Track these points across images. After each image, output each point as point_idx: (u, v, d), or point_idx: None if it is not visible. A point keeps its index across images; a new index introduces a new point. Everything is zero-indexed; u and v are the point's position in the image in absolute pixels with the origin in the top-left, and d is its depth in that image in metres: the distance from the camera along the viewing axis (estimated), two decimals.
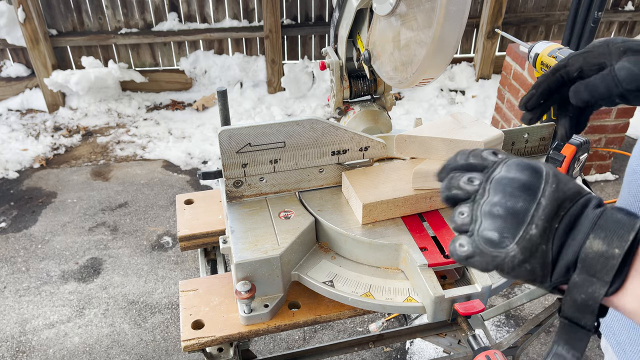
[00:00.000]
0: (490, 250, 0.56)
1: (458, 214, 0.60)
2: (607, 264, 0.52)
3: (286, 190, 1.20)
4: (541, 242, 0.55)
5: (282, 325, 1.06)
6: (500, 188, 0.57)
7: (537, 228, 0.55)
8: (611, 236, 0.53)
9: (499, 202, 0.57)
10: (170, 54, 4.42)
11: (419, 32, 1.03)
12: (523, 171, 0.58)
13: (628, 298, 0.52)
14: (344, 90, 1.42)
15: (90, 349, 2.39)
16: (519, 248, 0.55)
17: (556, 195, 0.55)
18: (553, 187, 0.56)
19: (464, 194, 0.60)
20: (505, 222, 0.56)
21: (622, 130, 3.37)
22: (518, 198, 0.56)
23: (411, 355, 2.37)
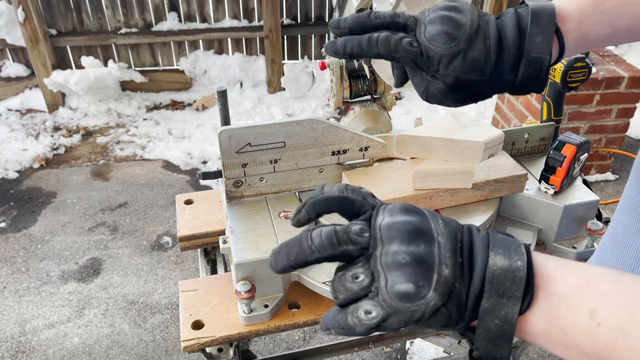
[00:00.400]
0: (408, 305, 0.49)
1: (351, 278, 0.52)
2: (515, 277, 0.49)
3: (286, 190, 1.20)
4: (455, 281, 0.50)
5: (282, 325, 1.06)
6: (393, 234, 0.52)
7: (447, 267, 0.50)
8: (509, 251, 0.51)
9: (400, 249, 0.51)
10: (170, 53, 4.42)
11: None
12: (408, 214, 0.53)
13: (537, 319, 0.49)
14: (344, 90, 1.41)
15: (90, 349, 2.39)
16: (437, 294, 0.49)
17: (448, 229, 0.52)
18: (442, 223, 0.53)
19: (356, 250, 0.52)
20: (415, 269, 0.50)
21: (623, 130, 3.37)
22: (418, 241, 0.51)
23: (411, 355, 2.37)
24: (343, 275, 0.53)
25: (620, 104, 3.21)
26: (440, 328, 0.51)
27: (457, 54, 0.66)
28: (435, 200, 1.13)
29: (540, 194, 1.18)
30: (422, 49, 0.67)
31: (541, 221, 1.21)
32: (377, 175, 1.16)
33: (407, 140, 1.12)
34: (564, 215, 1.16)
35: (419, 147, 1.12)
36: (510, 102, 3.49)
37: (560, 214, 1.15)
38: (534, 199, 1.18)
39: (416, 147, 1.12)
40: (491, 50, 0.67)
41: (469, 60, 0.66)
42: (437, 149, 1.11)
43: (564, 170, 1.15)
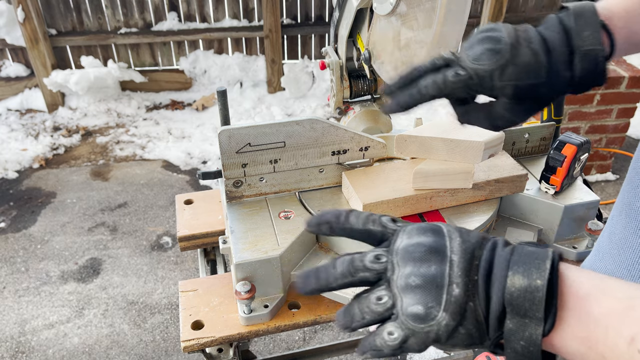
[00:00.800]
0: (422, 326, 0.51)
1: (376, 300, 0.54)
2: (534, 298, 0.48)
3: (286, 190, 1.20)
4: (467, 300, 0.51)
5: (282, 325, 1.06)
6: (408, 257, 0.54)
7: (458, 286, 0.51)
8: (529, 268, 0.49)
9: (412, 272, 0.53)
10: (170, 53, 4.42)
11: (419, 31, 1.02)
12: (424, 234, 0.55)
13: (572, 342, 0.48)
14: (344, 90, 1.41)
15: (90, 350, 2.39)
16: (448, 314, 0.50)
17: (464, 247, 0.53)
18: (458, 240, 0.53)
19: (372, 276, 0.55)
20: (425, 291, 0.51)
21: (623, 130, 3.37)
22: (429, 262, 0.53)
23: (411, 355, 2.37)
24: (367, 297, 0.55)
25: (620, 103, 3.21)
26: (466, 347, 0.52)
27: (507, 64, 0.66)
28: (436, 200, 1.13)
29: (540, 194, 1.18)
30: (471, 73, 0.68)
31: (541, 221, 1.21)
32: (377, 175, 1.16)
33: (407, 140, 1.12)
34: (565, 216, 1.16)
35: (419, 147, 1.12)
36: None
37: (561, 214, 1.15)
38: (534, 199, 1.18)
39: (416, 147, 1.12)
40: (539, 52, 0.68)
41: (520, 66, 0.66)
42: (437, 149, 1.10)
43: (564, 170, 1.15)
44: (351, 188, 1.12)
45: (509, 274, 0.49)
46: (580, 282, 0.49)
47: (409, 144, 1.13)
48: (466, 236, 0.54)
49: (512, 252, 0.52)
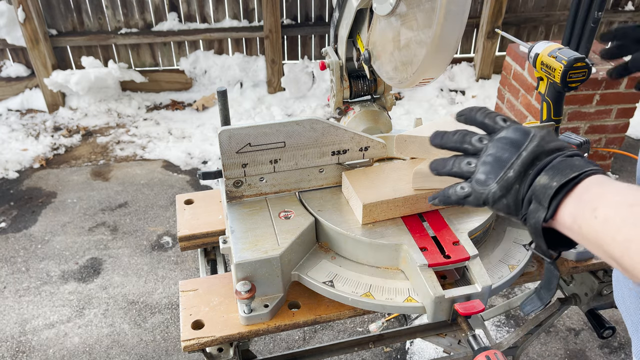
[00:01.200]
0: (479, 188, 0.73)
1: (466, 163, 0.76)
2: (545, 193, 0.67)
3: (286, 190, 1.20)
4: (515, 183, 0.70)
5: (282, 325, 1.06)
6: (496, 144, 0.74)
7: (514, 172, 0.70)
8: (556, 174, 0.67)
9: (492, 153, 0.73)
10: (170, 54, 4.42)
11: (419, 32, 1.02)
12: (516, 132, 0.73)
13: (565, 217, 0.66)
14: (344, 90, 1.41)
15: (90, 349, 2.39)
16: (498, 186, 0.71)
17: (535, 149, 0.70)
18: (534, 143, 0.71)
19: (473, 149, 0.77)
20: (492, 167, 0.72)
21: (622, 130, 3.37)
22: (506, 151, 0.72)
23: (411, 355, 2.37)
24: (463, 158, 0.77)
25: (620, 104, 3.21)
26: (506, 214, 0.73)
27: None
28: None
29: None
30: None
31: None
32: (377, 175, 1.16)
33: (407, 141, 1.12)
34: None
35: (419, 147, 1.12)
36: (510, 102, 3.50)
37: None
38: None
39: (416, 147, 1.12)
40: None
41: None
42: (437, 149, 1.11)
43: None
44: (351, 188, 1.13)
45: (541, 173, 0.68)
46: (591, 182, 0.65)
47: (409, 144, 1.13)
48: (543, 142, 0.71)
49: (562, 160, 0.68)
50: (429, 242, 1.05)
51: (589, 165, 0.67)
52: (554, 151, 0.70)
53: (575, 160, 0.68)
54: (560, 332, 2.48)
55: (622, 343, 2.43)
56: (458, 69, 4.65)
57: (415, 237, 1.06)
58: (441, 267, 1.01)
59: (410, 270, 1.04)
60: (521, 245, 1.16)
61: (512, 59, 3.41)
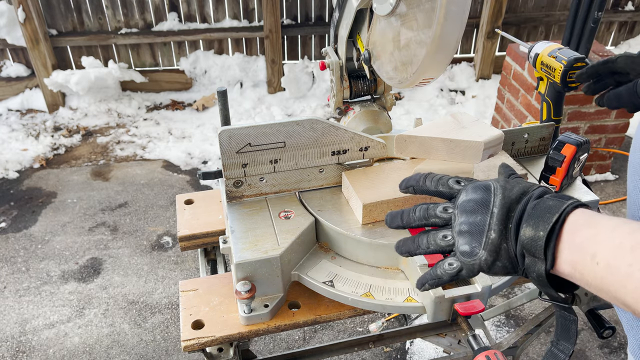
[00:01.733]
0: (468, 260, 0.70)
1: (442, 237, 0.74)
2: (537, 245, 0.65)
3: (286, 190, 1.20)
4: (501, 242, 0.69)
5: (282, 325, 1.07)
6: (463, 209, 0.72)
7: (495, 232, 0.69)
8: (538, 222, 0.65)
9: (464, 221, 0.71)
10: (170, 54, 4.42)
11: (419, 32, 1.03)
12: (477, 191, 0.72)
13: (563, 266, 0.64)
14: (344, 90, 1.41)
15: (90, 349, 2.39)
16: (487, 252, 0.69)
17: (503, 202, 0.69)
18: (499, 196, 0.70)
19: (441, 222, 0.75)
20: (471, 235, 0.70)
21: (622, 130, 3.37)
22: (476, 213, 0.70)
23: (411, 355, 2.37)
24: (436, 234, 0.74)
25: None
26: (505, 274, 0.71)
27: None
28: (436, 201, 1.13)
29: None
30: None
31: None
32: (377, 175, 1.16)
33: (407, 140, 1.12)
34: None
35: (419, 147, 1.12)
36: (510, 102, 3.50)
37: None
38: None
39: (416, 147, 1.12)
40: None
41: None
42: (437, 149, 1.11)
43: (563, 170, 1.15)
44: (351, 188, 1.13)
45: (522, 226, 0.67)
46: (576, 221, 0.64)
47: (409, 144, 1.13)
48: (508, 192, 0.71)
49: (534, 206, 0.67)
50: None
51: (563, 201, 0.66)
52: (521, 196, 0.69)
53: (548, 201, 0.67)
54: None
55: (622, 343, 2.43)
56: (458, 69, 4.65)
57: None
58: None
59: (410, 270, 1.04)
60: None
61: (512, 59, 3.41)
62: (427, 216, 0.76)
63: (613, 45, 4.92)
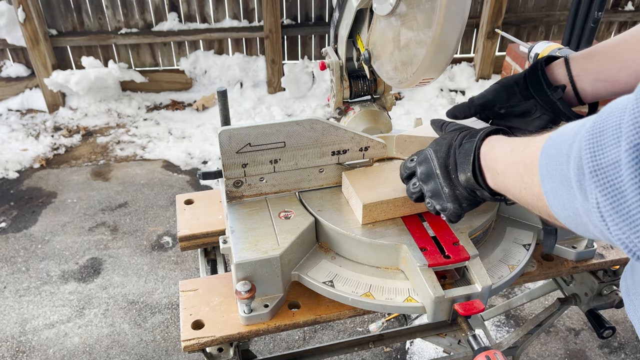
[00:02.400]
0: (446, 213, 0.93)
1: (412, 185, 0.98)
2: (472, 183, 0.85)
3: (286, 190, 1.20)
4: (454, 191, 0.89)
5: (282, 325, 1.06)
6: (421, 180, 0.95)
7: (446, 187, 0.90)
8: (464, 166, 0.85)
9: (426, 189, 0.95)
10: (170, 54, 4.42)
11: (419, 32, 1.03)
12: (422, 164, 0.94)
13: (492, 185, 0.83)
14: (344, 90, 1.41)
15: (90, 349, 2.39)
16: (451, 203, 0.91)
17: (439, 162, 0.91)
18: (435, 159, 0.91)
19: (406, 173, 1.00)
20: (436, 197, 0.93)
21: None
22: (429, 180, 0.93)
23: (411, 355, 2.37)
24: (410, 182, 0.99)
25: None
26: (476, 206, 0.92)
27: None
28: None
29: None
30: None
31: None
32: (377, 175, 1.16)
33: (407, 141, 1.12)
34: None
35: (420, 147, 1.12)
36: None
37: None
38: None
39: (416, 146, 1.12)
40: None
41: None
42: None
43: None
44: (351, 188, 1.13)
45: (459, 175, 0.87)
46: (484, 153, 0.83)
47: (409, 144, 1.13)
48: (439, 153, 0.90)
49: (459, 154, 0.87)
50: (429, 242, 1.05)
51: (473, 140, 0.85)
52: (449, 150, 0.89)
53: (465, 145, 0.86)
54: (560, 332, 2.48)
55: (622, 343, 2.43)
56: (458, 69, 4.65)
57: (415, 237, 1.06)
58: (441, 267, 1.01)
59: (410, 270, 1.04)
60: (521, 246, 1.16)
61: (512, 59, 3.41)
62: (405, 167, 1.00)
63: None
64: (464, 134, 0.89)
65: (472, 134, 0.88)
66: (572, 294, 1.48)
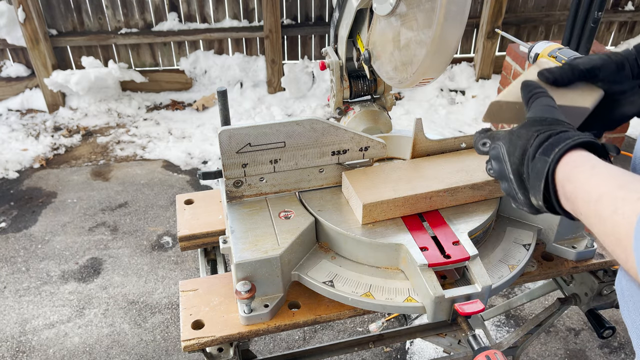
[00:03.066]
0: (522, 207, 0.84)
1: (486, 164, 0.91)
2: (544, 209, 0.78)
3: (286, 190, 1.20)
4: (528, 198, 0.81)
5: (282, 325, 1.07)
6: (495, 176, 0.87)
7: (520, 194, 0.82)
8: (535, 191, 0.77)
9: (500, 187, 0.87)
10: (170, 54, 4.42)
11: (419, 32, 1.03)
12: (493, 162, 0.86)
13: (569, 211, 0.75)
14: (344, 90, 1.42)
15: (90, 349, 2.39)
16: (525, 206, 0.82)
17: (513, 168, 0.81)
18: (508, 163, 0.82)
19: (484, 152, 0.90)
20: (509, 195, 0.85)
21: (622, 130, 3.37)
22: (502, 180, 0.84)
23: (411, 355, 2.37)
24: (485, 163, 0.89)
25: None
26: None
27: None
28: (435, 200, 1.13)
29: None
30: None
31: (541, 221, 1.21)
32: (377, 175, 1.16)
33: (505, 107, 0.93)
34: None
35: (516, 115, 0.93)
36: None
37: None
38: None
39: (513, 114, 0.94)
40: None
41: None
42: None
43: None
44: (351, 188, 1.13)
45: (531, 197, 0.79)
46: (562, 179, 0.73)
47: (506, 111, 0.93)
48: (513, 158, 0.81)
49: (531, 171, 0.77)
50: (429, 242, 1.05)
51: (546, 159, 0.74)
52: (523, 158, 0.79)
53: (537, 163, 0.76)
54: (560, 332, 2.48)
55: (622, 343, 2.43)
56: (458, 69, 4.65)
57: (415, 237, 1.06)
58: (441, 267, 1.01)
59: (410, 270, 1.04)
60: (521, 245, 1.16)
61: (512, 59, 3.41)
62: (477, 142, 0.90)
63: (613, 45, 4.91)
64: (540, 140, 0.77)
65: (547, 148, 0.75)
66: (572, 294, 1.48)
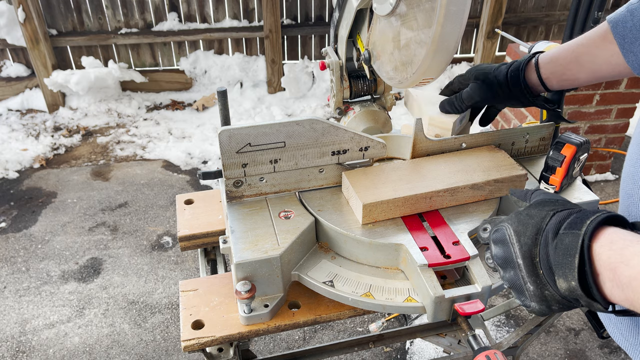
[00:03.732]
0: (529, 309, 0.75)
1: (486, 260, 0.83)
2: (578, 294, 0.65)
3: (286, 190, 1.20)
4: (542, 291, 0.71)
5: (282, 325, 1.07)
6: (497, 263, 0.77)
7: (530, 284, 0.72)
8: (565, 271, 0.65)
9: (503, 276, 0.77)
10: (170, 54, 4.42)
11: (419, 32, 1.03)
12: (497, 245, 0.77)
13: (619, 302, 0.63)
14: (344, 90, 1.41)
15: (90, 349, 2.39)
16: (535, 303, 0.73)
17: (523, 251, 0.72)
18: (517, 245, 0.72)
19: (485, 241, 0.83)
20: (515, 290, 0.75)
21: (622, 130, 3.37)
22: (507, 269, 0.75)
23: (411, 355, 2.37)
24: (485, 253, 0.82)
25: (620, 104, 3.21)
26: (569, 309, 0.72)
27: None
28: (435, 200, 1.13)
29: None
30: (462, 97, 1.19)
31: None
32: (377, 175, 1.16)
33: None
34: None
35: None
36: None
37: None
38: None
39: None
40: None
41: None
42: None
43: (563, 170, 1.15)
44: (351, 188, 1.13)
45: (556, 279, 0.67)
46: (599, 262, 0.63)
47: None
48: (523, 238, 0.71)
49: (555, 250, 0.67)
50: (429, 242, 1.05)
51: (578, 233, 0.65)
52: (537, 237, 0.70)
53: (565, 238, 0.66)
54: (560, 332, 2.48)
55: None
56: (458, 69, 4.65)
57: (415, 237, 1.06)
58: (441, 267, 1.01)
59: (410, 270, 1.04)
60: None
61: (512, 59, 3.41)
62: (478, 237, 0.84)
63: None
64: (560, 217, 0.69)
65: (575, 222, 0.66)
66: None
